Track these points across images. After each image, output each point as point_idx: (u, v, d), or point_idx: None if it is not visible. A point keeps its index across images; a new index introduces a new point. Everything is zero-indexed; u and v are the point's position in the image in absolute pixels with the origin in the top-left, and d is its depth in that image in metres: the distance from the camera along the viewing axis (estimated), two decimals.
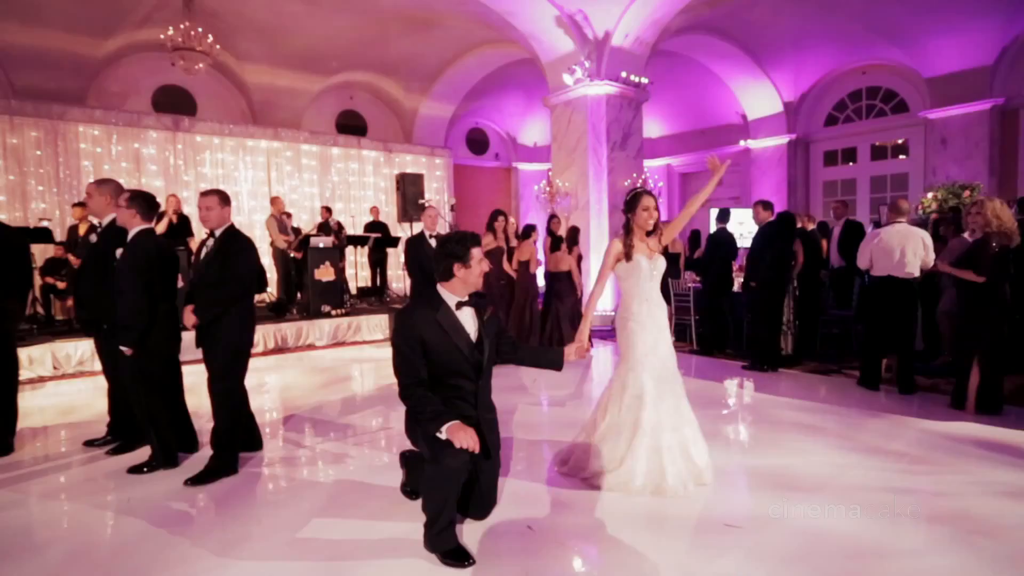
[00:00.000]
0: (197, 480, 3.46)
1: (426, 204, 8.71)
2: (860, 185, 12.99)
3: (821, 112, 13.19)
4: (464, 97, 13.65)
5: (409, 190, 8.61)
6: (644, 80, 9.47)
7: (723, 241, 7.11)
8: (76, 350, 6.59)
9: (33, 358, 6.38)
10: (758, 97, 13.15)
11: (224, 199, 3.63)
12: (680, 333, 7.92)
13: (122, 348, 3.55)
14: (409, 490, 3.17)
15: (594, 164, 9.37)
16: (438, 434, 2.41)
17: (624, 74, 9.17)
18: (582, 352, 2.98)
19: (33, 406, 5.37)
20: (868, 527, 2.81)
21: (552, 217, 7.93)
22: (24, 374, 6.24)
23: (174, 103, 10.93)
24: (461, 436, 2.37)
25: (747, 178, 13.78)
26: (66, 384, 6.26)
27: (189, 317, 3.51)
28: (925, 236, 5.02)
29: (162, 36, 8.39)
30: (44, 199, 8.98)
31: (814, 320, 6.91)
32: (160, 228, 7.96)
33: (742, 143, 13.64)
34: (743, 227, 9.93)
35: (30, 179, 8.84)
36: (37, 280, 7.87)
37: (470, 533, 2.76)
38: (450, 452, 2.41)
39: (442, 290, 2.69)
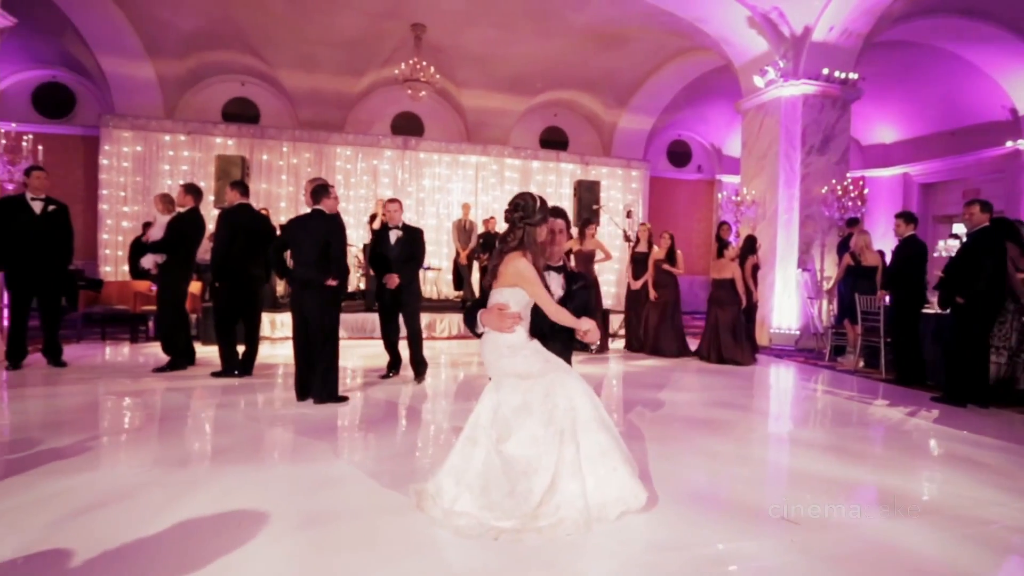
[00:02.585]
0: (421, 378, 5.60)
1: (597, 208, 9.09)
2: None
3: None
4: (664, 109, 13.63)
5: (585, 196, 9.05)
6: (853, 76, 8.50)
7: (918, 250, 6.09)
8: None
9: (284, 322, 8.37)
10: None
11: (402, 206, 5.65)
12: (869, 357, 6.95)
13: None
14: None
15: (785, 170, 8.69)
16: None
17: (826, 71, 8.37)
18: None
19: (275, 353, 7.11)
20: (959, 556, 2.42)
21: (722, 224, 7.68)
22: (277, 333, 8.28)
23: (408, 127, 13.09)
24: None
25: (1014, 187, 11.17)
26: None
27: (393, 279, 5.30)
28: None
29: (396, 71, 10.25)
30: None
31: None
32: (376, 224, 9.72)
33: (1009, 144, 11.11)
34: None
35: (301, 190, 11.46)
36: None
37: None
38: None
39: None
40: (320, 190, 4.62)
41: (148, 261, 5.71)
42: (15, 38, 9.17)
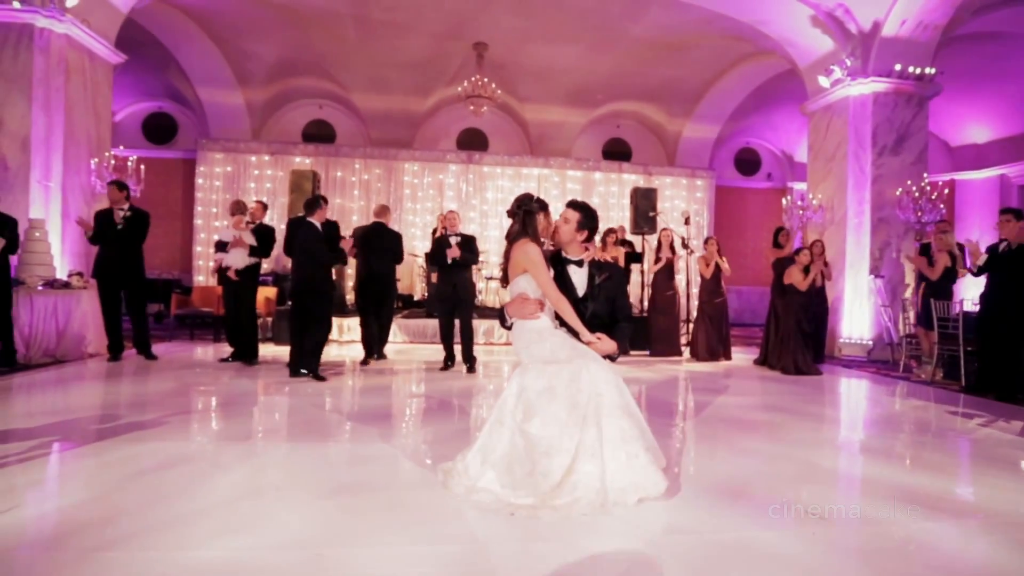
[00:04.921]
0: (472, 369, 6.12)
1: (654, 216, 9.01)
2: None
3: None
4: (730, 117, 13.31)
5: (641, 203, 8.98)
6: (930, 71, 8.01)
7: None
8: None
9: (351, 326, 8.85)
10: None
11: None
12: (950, 368, 6.45)
13: None
14: None
15: (855, 172, 8.28)
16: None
17: (898, 67, 7.94)
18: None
19: (342, 354, 7.51)
20: (1008, 559, 2.26)
21: (780, 230, 7.46)
22: (344, 337, 8.77)
23: (473, 142, 13.55)
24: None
25: None
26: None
27: (455, 251, 6.03)
28: None
29: (459, 89, 10.68)
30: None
31: None
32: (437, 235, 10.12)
33: None
34: None
35: (371, 203, 12.10)
36: None
37: None
38: None
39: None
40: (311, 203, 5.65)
41: (237, 260, 6.16)
42: (128, 75, 10.38)
